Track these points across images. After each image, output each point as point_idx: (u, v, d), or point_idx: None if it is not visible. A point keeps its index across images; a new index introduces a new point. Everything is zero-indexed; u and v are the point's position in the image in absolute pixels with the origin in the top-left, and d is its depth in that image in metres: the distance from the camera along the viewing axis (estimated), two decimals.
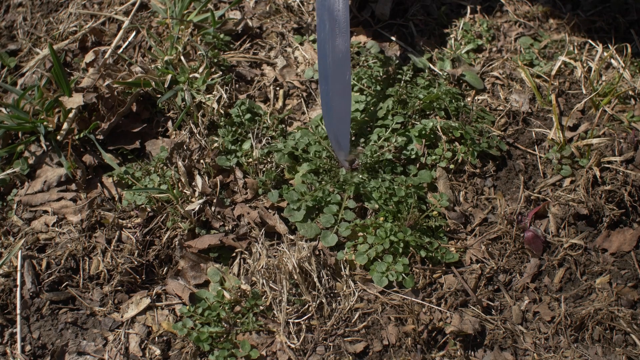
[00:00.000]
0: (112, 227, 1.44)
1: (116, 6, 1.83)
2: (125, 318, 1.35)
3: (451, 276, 1.35)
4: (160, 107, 1.62)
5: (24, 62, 1.78)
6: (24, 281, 1.38)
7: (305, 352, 1.27)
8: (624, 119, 1.44)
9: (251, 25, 1.76)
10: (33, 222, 1.48)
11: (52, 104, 1.55)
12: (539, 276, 1.36)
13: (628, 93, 1.48)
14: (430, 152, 1.50)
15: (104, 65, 1.65)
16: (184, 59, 1.64)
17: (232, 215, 1.45)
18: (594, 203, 1.36)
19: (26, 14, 1.87)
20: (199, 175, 1.48)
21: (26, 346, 1.33)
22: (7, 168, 1.54)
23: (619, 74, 1.49)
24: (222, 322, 1.31)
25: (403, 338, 1.27)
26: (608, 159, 1.39)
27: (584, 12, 1.68)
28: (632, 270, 1.34)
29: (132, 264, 1.39)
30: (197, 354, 1.29)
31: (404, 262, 1.32)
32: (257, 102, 1.63)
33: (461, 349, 1.27)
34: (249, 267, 1.38)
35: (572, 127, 1.49)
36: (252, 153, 1.51)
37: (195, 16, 1.70)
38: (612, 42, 1.58)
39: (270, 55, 1.72)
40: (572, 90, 1.55)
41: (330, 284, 1.34)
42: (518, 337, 1.30)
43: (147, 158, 1.57)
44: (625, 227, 1.37)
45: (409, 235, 1.34)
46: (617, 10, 1.67)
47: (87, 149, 1.57)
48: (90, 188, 1.53)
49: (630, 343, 1.28)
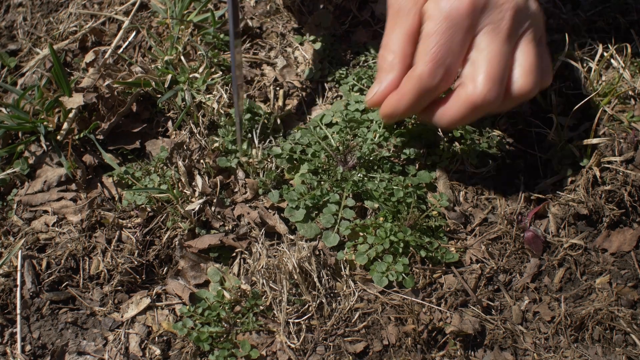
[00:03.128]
0: (112, 227, 1.44)
1: (116, 6, 1.83)
2: (125, 318, 1.35)
3: (451, 276, 1.35)
4: (161, 107, 1.62)
5: (24, 62, 1.78)
6: (24, 281, 1.38)
7: (305, 352, 1.27)
8: (624, 119, 1.44)
9: (251, 25, 1.76)
10: (33, 222, 1.48)
11: (52, 104, 1.55)
12: (539, 276, 1.36)
13: (628, 93, 1.48)
14: (430, 151, 1.50)
15: (104, 65, 1.65)
16: (184, 59, 1.64)
17: (232, 215, 1.45)
18: (594, 203, 1.36)
19: (26, 14, 1.87)
20: (199, 175, 1.48)
21: (26, 346, 1.33)
22: (7, 168, 1.54)
23: (619, 74, 1.49)
24: (222, 322, 1.31)
25: (403, 338, 1.27)
26: (608, 159, 1.39)
27: (584, 12, 1.68)
28: (632, 270, 1.34)
29: (132, 264, 1.39)
30: (197, 353, 1.29)
31: (404, 262, 1.32)
32: (257, 102, 1.63)
33: (461, 348, 1.27)
34: (249, 267, 1.38)
35: (572, 127, 1.49)
36: (252, 153, 1.51)
37: (195, 16, 1.70)
38: (612, 42, 1.58)
39: (270, 55, 1.72)
40: (572, 91, 1.55)
41: (330, 284, 1.34)
42: (518, 337, 1.30)
43: (147, 158, 1.57)
44: (625, 227, 1.37)
45: (409, 235, 1.34)
46: (617, 10, 1.67)
47: (87, 149, 1.57)
48: (90, 188, 1.53)
49: (630, 343, 1.28)
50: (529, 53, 1.20)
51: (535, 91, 1.21)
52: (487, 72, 1.17)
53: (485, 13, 1.18)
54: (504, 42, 1.18)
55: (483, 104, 1.18)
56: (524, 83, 1.20)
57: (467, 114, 1.21)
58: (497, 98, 1.18)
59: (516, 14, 1.18)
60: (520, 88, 1.20)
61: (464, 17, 1.17)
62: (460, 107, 1.21)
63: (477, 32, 1.19)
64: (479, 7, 1.17)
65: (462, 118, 1.22)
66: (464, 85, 1.20)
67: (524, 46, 1.21)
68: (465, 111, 1.21)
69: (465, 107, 1.20)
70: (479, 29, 1.19)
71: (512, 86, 1.20)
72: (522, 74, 1.20)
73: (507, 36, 1.18)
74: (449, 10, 1.17)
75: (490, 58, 1.18)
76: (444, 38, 1.18)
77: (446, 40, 1.18)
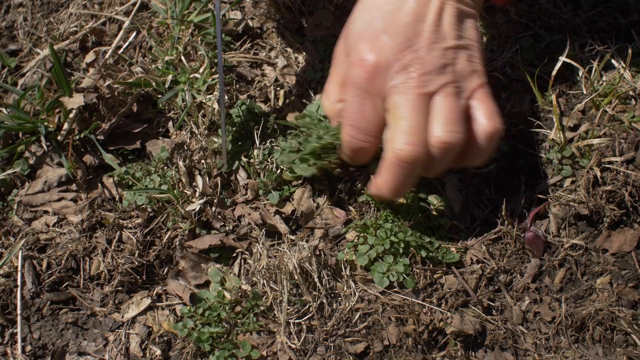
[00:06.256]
0: (113, 227, 1.44)
1: (117, 6, 1.83)
2: (126, 318, 1.35)
3: (452, 276, 1.35)
4: (161, 107, 1.62)
5: (25, 63, 1.78)
6: (24, 281, 1.38)
7: (305, 352, 1.27)
8: (625, 119, 1.44)
9: (252, 25, 1.76)
10: (33, 222, 1.48)
11: (53, 104, 1.55)
12: (539, 276, 1.36)
13: (629, 93, 1.48)
14: None
15: (105, 66, 1.65)
16: (185, 59, 1.64)
17: (232, 215, 1.45)
18: (595, 203, 1.36)
19: (27, 14, 1.87)
20: (199, 176, 1.48)
21: (27, 346, 1.33)
22: (7, 168, 1.54)
23: (620, 75, 1.49)
24: (223, 322, 1.31)
25: (404, 338, 1.27)
26: (609, 159, 1.39)
27: (585, 12, 1.68)
28: (633, 270, 1.34)
29: (132, 264, 1.39)
30: (198, 354, 1.29)
31: (404, 262, 1.32)
32: (258, 102, 1.63)
33: (462, 349, 1.27)
34: (249, 267, 1.38)
35: (572, 127, 1.49)
36: (253, 153, 1.51)
37: (195, 16, 1.70)
38: (612, 42, 1.58)
39: (270, 55, 1.72)
40: (573, 91, 1.55)
41: (330, 285, 1.34)
42: (519, 337, 1.30)
43: (147, 158, 1.57)
44: (626, 228, 1.37)
45: (410, 235, 1.34)
46: (617, 10, 1.67)
47: (88, 149, 1.57)
48: (90, 188, 1.53)
49: (630, 343, 1.28)
50: (447, 104, 1.19)
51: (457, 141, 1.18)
52: (401, 126, 1.18)
53: (389, 75, 1.19)
54: (414, 97, 1.18)
55: (405, 159, 1.17)
56: (442, 132, 1.18)
57: (397, 175, 1.20)
58: (418, 149, 1.17)
59: (426, 73, 1.18)
60: (438, 138, 1.18)
61: (368, 82, 1.19)
62: (389, 172, 1.21)
63: (385, 94, 1.20)
64: (381, 71, 1.19)
65: (396, 181, 1.21)
66: (385, 151, 1.22)
67: (442, 98, 1.19)
68: (394, 174, 1.20)
69: (391, 169, 1.20)
70: (386, 91, 1.20)
71: (430, 139, 1.18)
72: (440, 124, 1.18)
73: (417, 92, 1.18)
74: (354, 78, 1.21)
75: (402, 114, 1.18)
76: (354, 105, 1.22)
77: (356, 106, 1.22)
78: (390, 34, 1.19)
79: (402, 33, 1.19)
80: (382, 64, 1.19)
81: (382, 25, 1.20)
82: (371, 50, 1.19)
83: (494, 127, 1.22)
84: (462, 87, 1.22)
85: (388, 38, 1.19)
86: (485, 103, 1.24)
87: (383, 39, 1.19)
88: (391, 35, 1.19)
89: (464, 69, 1.22)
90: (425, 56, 1.19)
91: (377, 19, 1.21)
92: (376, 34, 1.20)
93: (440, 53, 1.20)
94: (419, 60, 1.18)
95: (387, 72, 1.19)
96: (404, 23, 1.20)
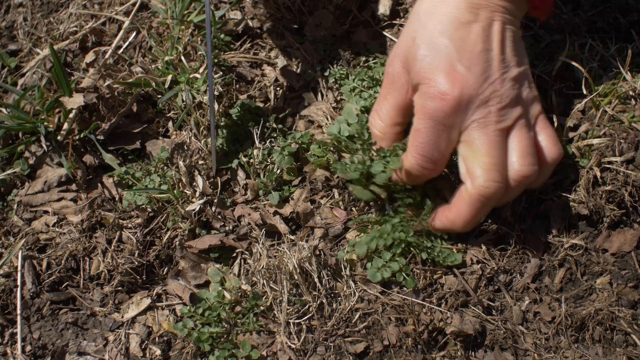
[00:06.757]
0: (113, 227, 1.44)
1: (116, 6, 1.83)
2: (126, 318, 1.35)
3: (452, 277, 1.35)
4: (161, 107, 1.62)
5: (25, 63, 1.78)
6: (24, 281, 1.38)
7: (305, 352, 1.27)
8: (625, 120, 1.44)
9: (251, 25, 1.76)
10: (33, 222, 1.48)
11: (53, 104, 1.55)
12: (539, 276, 1.36)
13: (628, 93, 1.48)
14: None
15: (105, 66, 1.65)
16: (185, 59, 1.64)
17: (232, 215, 1.45)
18: (595, 203, 1.36)
19: (26, 14, 1.87)
20: (199, 176, 1.48)
21: (26, 346, 1.33)
22: (7, 168, 1.54)
23: (620, 75, 1.49)
24: (223, 322, 1.31)
25: (403, 338, 1.27)
26: (608, 159, 1.39)
27: (585, 12, 1.68)
28: (633, 270, 1.34)
29: (132, 264, 1.39)
30: (198, 354, 1.29)
31: (401, 262, 1.32)
32: (258, 102, 1.63)
33: (462, 349, 1.27)
34: (249, 267, 1.38)
35: (572, 127, 1.49)
36: (252, 153, 1.51)
37: (195, 16, 1.70)
38: (612, 42, 1.58)
39: (270, 55, 1.72)
40: (573, 91, 1.55)
41: (330, 285, 1.34)
42: (519, 337, 1.30)
43: (147, 158, 1.57)
44: (626, 228, 1.37)
45: (411, 236, 1.34)
46: (617, 10, 1.66)
47: (88, 149, 1.57)
48: (90, 188, 1.53)
49: (630, 343, 1.28)
50: (522, 137, 1.22)
51: (534, 173, 1.23)
52: (483, 163, 1.20)
53: (470, 110, 1.19)
54: (494, 132, 1.20)
55: (488, 195, 1.20)
56: (521, 167, 1.21)
57: (477, 210, 1.23)
58: (500, 185, 1.20)
59: (503, 107, 1.20)
60: (518, 172, 1.22)
61: (448, 117, 1.19)
62: (468, 206, 1.23)
63: (464, 128, 1.21)
64: (463, 105, 1.19)
65: (474, 216, 1.25)
66: (464, 185, 1.24)
67: (516, 132, 1.22)
68: (473, 209, 1.23)
69: (471, 205, 1.23)
70: (465, 125, 1.21)
71: (510, 172, 1.22)
72: (518, 158, 1.21)
73: (496, 128, 1.20)
74: (432, 111, 1.19)
75: (483, 150, 1.20)
76: (429, 136, 1.21)
77: (431, 138, 1.21)
78: (466, 65, 1.18)
79: (478, 64, 1.19)
80: (465, 99, 1.18)
81: (456, 55, 1.19)
82: (453, 84, 1.18)
83: (559, 153, 1.27)
84: (529, 116, 1.25)
85: (466, 70, 1.18)
86: (548, 129, 1.27)
87: (460, 70, 1.18)
88: (468, 66, 1.18)
89: (527, 97, 1.25)
90: (501, 89, 1.20)
91: (447, 47, 1.19)
92: (452, 64, 1.18)
93: (511, 84, 1.21)
94: (497, 93, 1.19)
95: (469, 107, 1.19)
96: (477, 53, 1.19)
